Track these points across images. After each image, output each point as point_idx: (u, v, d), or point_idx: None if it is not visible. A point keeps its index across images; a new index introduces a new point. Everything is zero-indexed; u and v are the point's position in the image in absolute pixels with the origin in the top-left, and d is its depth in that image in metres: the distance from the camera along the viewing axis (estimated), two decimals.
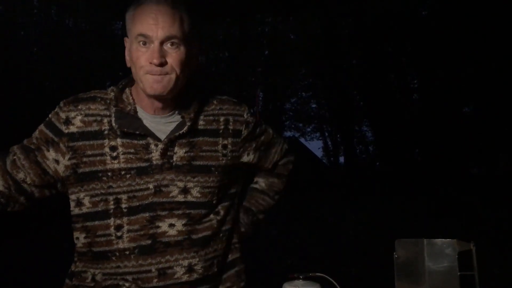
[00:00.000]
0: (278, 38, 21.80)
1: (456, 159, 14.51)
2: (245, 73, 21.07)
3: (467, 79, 14.29)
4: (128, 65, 1.25)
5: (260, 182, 1.56)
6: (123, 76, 1.38)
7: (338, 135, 24.45)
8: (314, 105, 25.96)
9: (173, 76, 1.21)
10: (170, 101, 1.26)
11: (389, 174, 16.45)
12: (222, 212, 1.32)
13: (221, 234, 1.32)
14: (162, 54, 1.19)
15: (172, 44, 1.20)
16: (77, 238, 1.27)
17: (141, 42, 1.20)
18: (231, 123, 1.33)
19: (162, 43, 1.19)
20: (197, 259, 1.25)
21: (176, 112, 1.28)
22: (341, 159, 24.32)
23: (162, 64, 1.19)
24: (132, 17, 1.22)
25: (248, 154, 1.39)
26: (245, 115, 1.37)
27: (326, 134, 26.37)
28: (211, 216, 1.29)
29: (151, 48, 1.19)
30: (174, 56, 1.20)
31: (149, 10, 1.20)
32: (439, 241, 1.39)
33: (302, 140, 26.26)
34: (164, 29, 1.19)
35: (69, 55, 14.00)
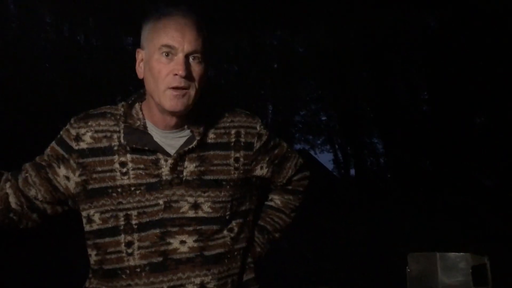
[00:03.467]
0: (287, 51, 21.91)
1: (469, 170, 14.35)
2: (254, 86, 21.14)
3: (478, 89, 14.19)
4: (141, 76, 1.24)
5: (275, 200, 1.51)
6: (134, 90, 1.38)
7: (349, 147, 24.34)
8: (323, 117, 25.90)
9: (193, 92, 1.20)
10: (182, 116, 1.24)
11: (401, 186, 16.31)
12: (236, 229, 1.28)
13: (235, 253, 1.28)
14: (187, 67, 1.18)
15: (194, 58, 1.19)
16: (90, 255, 1.27)
17: (164, 53, 1.17)
18: (242, 136, 1.30)
19: (186, 56, 1.18)
20: (210, 277, 1.21)
21: (186, 126, 1.26)
22: (352, 171, 24.17)
23: (186, 76, 1.17)
24: (154, 28, 1.20)
25: (261, 168, 1.35)
26: (258, 127, 1.33)
27: (336, 146, 26.25)
28: (225, 232, 1.26)
29: (176, 59, 1.18)
30: (196, 71, 1.20)
31: (175, 22, 1.18)
32: (452, 254, 1.37)
33: (312, 152, 26.13)
34: (190, 43, 1.18)
35: (80, 71, 14.16)
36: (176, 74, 1.17)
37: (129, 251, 1.20)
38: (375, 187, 18.91)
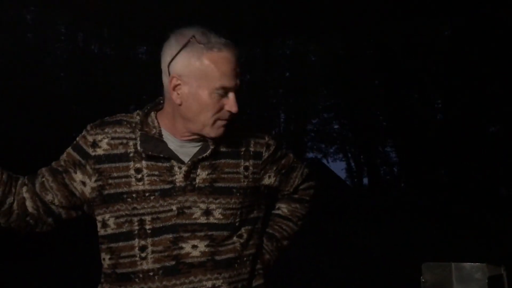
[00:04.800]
0: (299, 60, 21.98)
1: (483, 179, 14.18)
2: (266, 95, 21.22)
3: (492, 98, 14.06)
4: (178, 103, 1.24)
5: (283, 208, 1.55)
6: (147, 99, 1.41)
7: (362, 156, 24.23)
8: (336, 126, 25.86)
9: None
10: None
11: (415, 195, 16.17)
12: (245, 236, 1.32)
13: (244, 258, 1.31)
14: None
15: (239, 88, 1.25)
16: (103, 259, 1.29)
17: (219, 94, 1.21)
18: (252, 145, 1.35)
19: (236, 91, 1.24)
20: (221, 281, 1.25)
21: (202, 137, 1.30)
22: (365, 180, 24.03)
23: None
24: (202, 63, 1.20)
25: (269, 177, 1.40)
26: (266, 138, 1.39)
27: (349, 155, 26.15)
28: (234, 238, 1.30)
29: (230, 98, 1.22)
30: (237, 97, 1.25)
31: (227, 61, 1.21)
32: (467, 265, 1.35)
33: (324, 161, 26.06)
34: (238, 78, 1.24)
35: (94, 80, 14.36)
36: (229, 111, 1.23)
37: (143, 255, 1.24)
38: (388, 196, 18.76)
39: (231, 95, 1.22)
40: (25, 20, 14.19)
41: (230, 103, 1.22)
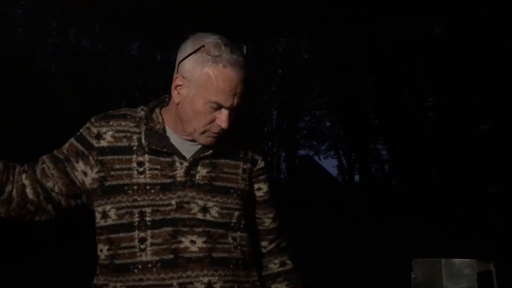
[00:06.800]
0: (292, 57, 21.99)
1: (474, 177, 14.29)
2: (259, 92, 21.22)
3: (483, 97, 14.16)
4: (177, 101, 1.27)
5: (286, 261, 1.48)
6: (139, 95, 1.42)
7: (353, 154, 24.32)
8: (328, 123, 25.94)
9: (227, 129, 1.26)
10: None
11: (405, 192, 16.27)
12: (238, 240, 1.33)
13: (240, 261, 1.33)
14: (230, 117, 1.24)
15: (237, 107, 1.26)
16: (101, 250, 1.30)
17: (213, 106, 1.22)
18: (250, 151, 1.39)
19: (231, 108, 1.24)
20: (217, 278, 1.27)
21: None
22: (356, 177, 24.16)
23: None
24: (207, 74, 1.21)
25: (258, 189, 1.43)
26: (262, 149, 1.44)
27: (341, 152, 26.27)
28: (229, 239, 1.32)
29: (223, 113, 1.24)
30: (234, 114, 1.27)
31: (230, 81, 1.21)
32: (457, 261, 1.36)
33: (316, 158, 26.17)
34: (239, 98, 1.24)
35: (86, 75, 14.26)
36: (219, 125, 1.24)
37: (142, 246, 1.25)
38: (379, 194, 18.86)
39: (224, 111, 1.23)
40: (15, 15, 14.06)
41: (222, 118, 1.24)
